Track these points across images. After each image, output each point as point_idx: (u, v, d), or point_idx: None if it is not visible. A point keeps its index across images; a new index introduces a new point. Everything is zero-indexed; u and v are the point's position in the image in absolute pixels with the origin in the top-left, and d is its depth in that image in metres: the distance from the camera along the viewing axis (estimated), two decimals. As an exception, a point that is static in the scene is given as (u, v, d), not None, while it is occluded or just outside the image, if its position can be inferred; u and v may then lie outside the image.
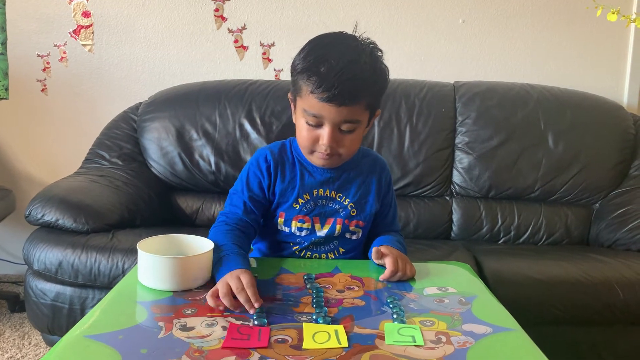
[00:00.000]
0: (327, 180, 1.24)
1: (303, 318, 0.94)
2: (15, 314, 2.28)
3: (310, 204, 1.23)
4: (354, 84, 1.08)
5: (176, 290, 1.03)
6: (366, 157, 1.30)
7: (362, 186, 1.26)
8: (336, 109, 1.09)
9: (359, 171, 1.27)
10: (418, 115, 2.26)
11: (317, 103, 1.10)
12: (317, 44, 1.14)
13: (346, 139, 1.14)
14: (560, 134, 2.23)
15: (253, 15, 2.50)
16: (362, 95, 1.11)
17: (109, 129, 2.36)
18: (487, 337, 0.90)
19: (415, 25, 2.50)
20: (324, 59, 1.09)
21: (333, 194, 1.24)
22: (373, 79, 1.12)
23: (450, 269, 1.25)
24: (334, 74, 1.07)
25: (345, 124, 1.12)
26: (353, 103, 1.10)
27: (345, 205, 1.24)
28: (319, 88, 1.08)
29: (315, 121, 1.12)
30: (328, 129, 1.12)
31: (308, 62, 1.11)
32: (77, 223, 1.86)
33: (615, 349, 1.75)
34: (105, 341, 0.83)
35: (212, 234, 1.17)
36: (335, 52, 1.10)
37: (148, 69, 2.55)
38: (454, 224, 2.24)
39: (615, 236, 2.07)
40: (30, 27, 2.52)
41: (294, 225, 1.23)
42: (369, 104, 1.14)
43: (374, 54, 1.15)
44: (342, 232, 1.24)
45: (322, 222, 1.23)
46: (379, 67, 1.15)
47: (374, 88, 1.14)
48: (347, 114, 1.11)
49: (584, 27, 2.47)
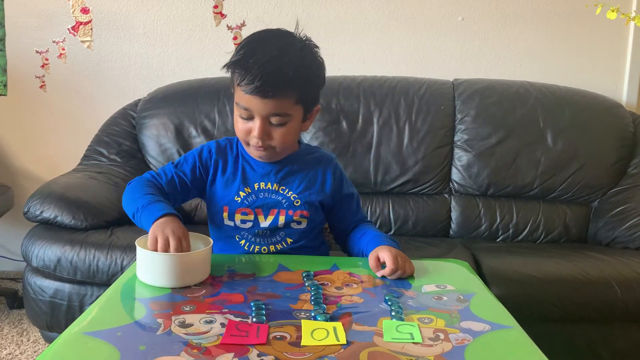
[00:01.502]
0: (268, 173, 1.26)
1: (301, 315, 0.94)
2: (13, 311, 2.28)
3: (252, 197, 1.25)
4: (277, 76, 1.11)
5: (175, 287, 1.03)
6: (312, 153, 1.32)
7: (306, 179, 1.27)
8: (262, 101, 1.13)
9: (302, 165, 1.28)
10: (417, 112, 2.26)
11: (244, 95, 1.14)
12: (250, 40, 1.18)
13: (277, 132, 1.17)
14: (559, 132, 2.23)
15: (252, 11, 2.50)
16: (288, 89, 1.13)
17: (107, 126, 2.36)
18: (485, 334, 0.90)
19: (415, 23, 2.50)
20: (252, 53, 1.14)
21: (275, 187, 1.26)
22: (301, 73, 1.14)
23: (448, 267, 1.25)
24: (258, 66, 1.11)
25: (274, 117, 1.15)
26: (279, 96, 1.13)
27: (288, 196, 1.26)
28: (244, 80, 1.13)
29: (246, 114, 1.16)
30: (258, 122, 1.15)
31: (239, 56, 1.15)
32: (76, 220, 1.86)
33: (613, 347, 1.75)
34: (103, 338, 0.83)
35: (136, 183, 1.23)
36: (263, 46, 1.14)
37: (147, 65, 2.54)
38: (453, 221, 2.24)
39: (613, 234, 2.08)
40: (29, 23, 2.52)
41: (237, 217, 1.25)
42: (300, 98, 1.16)
43: (306, 49, 1.18)
44: (287, 222, 1.25)
45: (265, 213, 1.25)
46: (309, 62, 1.17)
47: (302, 82, 1.15)
48: (274, 107, 1.14)
49: (583, 25, 2.47)
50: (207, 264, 1.09)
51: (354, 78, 2.34)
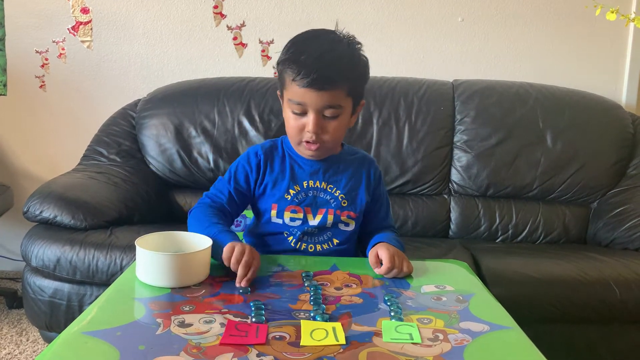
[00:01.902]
0: (316, 171, 1.27)
1: (301, 315, 0.94)
2: (13, 311, 2.28)
3: (302, 195, 1.26)
4: (332, 68, 1.15)
5: (174, 287, 1.03)
6: (355, 154, 1.34)
7: (352, 178, 1.29)
8: (317, 93, 1.15)
9: (347, 164, 1.30)
10: (417, 113, 2.26)
11: (298, 90, 1.16)
12: (298, 39, 1.21)
13: (330, 125, 1.19)
14: (558, 132, 2.23)
15: (252, 12, 2.50)
16: (341, 80, 1.16)
17: (107, 126, 2.36)
18: (484, 335, 0.90)
19: (415, 24, 2.50)
20: (303, 50, 1.17)
21: (323, 185, 1.27)
22: (351, 66, 1.19)
23: (448, 267, 1.25)
24: (312, 60, 1.15)
25: (328, 109, 1.17)
26: (333, 87, 1.15)
27: (336, 196, 1.27)
28: (299, 75, 1.15)
29: (300, 109, 1.18)
30: (312, 116, 1.17)
31: (289, 54, 1.19)
32: (75, 220, 1.86)
33: (612, 347, 1.75)
34: (103, 338, 0.83)
35: (199, 211, 1.24)
36: (313, 43, 1.19)
37: (147, 65, 2.54)
38: (452, 222, 2.24)
39: (612, 235, 2.08)
40: (29, 23, 2.52)
41: (287, 215, 1.26)
42: (350, 90, 1.19)
43: (352, 45, 1.21)
44: (334, 222, 1.27)
45: (314, 212, 1.26)
46: (357, 56, 1.21)
47: (353, 74, 1.19)
48: (328, 99, 1.16)
49: (583, 26, 2.47)
50: (207, 264, 1.09)
51: (353, 78, 2.34)
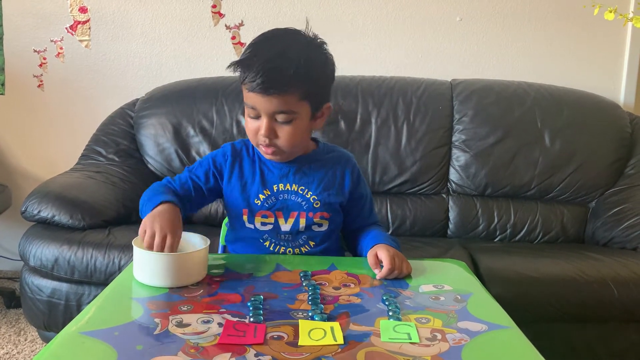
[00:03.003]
0: (285, 174, 1.24)
1: (299, 315, 0.94)
2: (11, 310, 2.28)
3: (272, 199, 1.24)
4: (278, 73, 1.11)
5: (172, 286, 1.03)
6: (330, 152, 1.31)
7: (325, 178, 1.26)
8: (265, 98, 1.12)
9: (320, 164, 1.27)
10: (415, 113, 2.26)
11: (248, 93, 1.14)
12: (257, 39, 1.18)
13: (283, 130, 1.16)
14: (556, 132, 2.23)
15: (250, 11, 2.50)
16: (291, 85, 1.12)
17: (105, 125, 2.35)
18: (482, 334, 0.90)
19: (413, 23, 2.50)
20: (256, 51, 1.14)
21: (294, 187, 1.24)
22: (305, 68, 1.13)
23: (446, 267, 1.25)
24: (259, 63, 1.11)
25: (280, 114, 1.14)
26: (281, 92, 1.12)
27: (308, 198, 1.24)
28: (247, 78, 1.13)
29: (254, 113, 1.16)
30: (264, 120, 1.15)
31: (244, 55, 1.16)
32: (74, 219, 1.86)
33: (610, 347, 1.76)
34: (101, 338, 0.83)
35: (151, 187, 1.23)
36: (267, 44, 1.15)
37: (145, 65, 2.54)
38: (451, 221, 2.24)
39: (610, 234, 2.08)
40: (27, 23, 2.51)
41: (257, 221, 1.24)
42: (305, 94, 1.15)
43: (311, 46, 1.17)
44: (307, 225, 1.24)
45: (285, 216, 1.24)
46: (314, 58, 1.16)
47: (307, 77, 1.14)
48: (278, 104, 1.13)
49: (581, 25, 2.47)
50: (205, 264, 1.08)
51: (352, 78, 2.34)
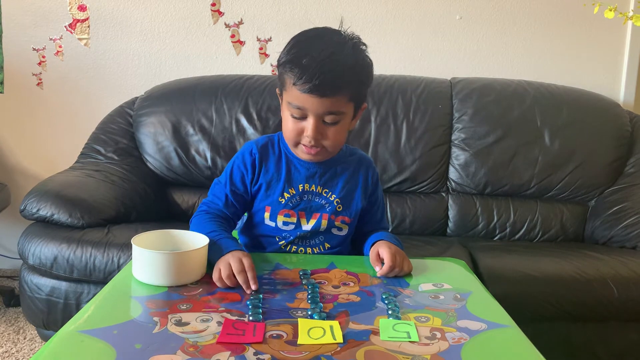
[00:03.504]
0: (313, 174, 1.24)
1: (298, 314, 0.94)
2: (10, 309, 2.28)
3: (296, 199, 1.24)
4: (335, 75, 1.10)
5: (171, 285, 1.02)
6: (353, 154, 1.31)
7: (349, 182, 1.27)
8: (318, 100, 1.11)
9: (345, 167, 1.27)
10: (415, 111, 2.26)
11: (299, 95, 1.12)
12: (300, 38, 1.17)
13: (330, 130, 1.16)
14: (556, 131, 2.23)
15: (250, 10, 2.50)
16: (344, 87, 1.12)
17: (104, 124, 2.35)
18: (481, 333, 0.90)
19: (413, 22, 2.50)
20: (306, 52, 1.12)
21: (319, 189, 1.24)
22: (355, 71, 1.14)
23: (445, 266, 1.25)
24: (315, 65, 1.09)
25: (329, 115, 1.14)
26: (335, 94, 1.12)
27: (332, 200, 1.25)
28: (300, 79, 1.11)
29: (300, 113, 1.14)
30: (312, 121, 1.14)
31: (291, 55, 1.14)
32: (73, 218, 1.86)
33: (609, 346, 1.75)
34: (100, 336, 0.83)
35: (197, 221, 1.20)
36: (317, 45, 1.13)
37: (144, 63, 2.54)
38: (450, 220, 2.24)
39: (610, 233, 2.08)
40: (26, 21, 2.51)
41: (280, 219, 1.23)
42: (352, 96, 1.16)
43: (357, 47, 1.17)
44: (328, 227, 1.25)
45: (307, 216, 1.24)
46: (361, 60, 1.17)
47: (356, 80, 1.15)
48: (329, 105, 1.12)
49: (581, 24, 2.47)
50: (204, 263, 1.08)
51: (351, 76, 2.34)
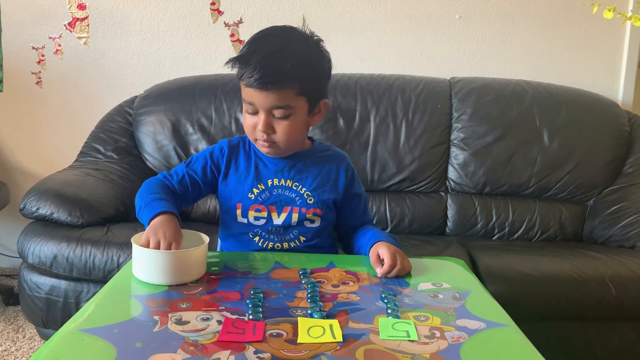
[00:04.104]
0: (281, 169, 1.26)
1: (298, 312, 0.94)
2: (9, 307, 2.28)
3: (266, 193, 1.25)
4: (276, 68, 1.13)
5: (171, 284, 1.03)
6: (326, 151, 1.33)
7: (319, 175, 1.28)
8: (262, 93, 1.14)
9: (315, 161, 1.29)
10: (414, 111, 2.26)
11: (246, 89, 1.16)
12: (255, 36, 1.20)
13: (280, 125, 1.18)
14: (555, 130, 2.23)
15: (249, 9, 2.50)
16: (287, 80, 1.14)
17: (104, 123, 2.35)
18: (480, 332, 0.91)
19: (412, 21, 2.50)
20: (255, 48, 1.16)
21: (289, 183, 1.26)
22: (303, 64, 1.15)
23: (444, 265, 1.26)
24: (257, 59, 1.13)
25: (277, 109, 1.16)
26: (278, 88, 1.14)
27: (302, 193, 1.26)
28: (244, 73, 1.15)
29: (251, 109, 1.18)
30: (261, 115, 1.17)
31: (242, 52, 1.18)
32: (72, 216, 1.86)
33: (608, 345, 1.76)
34: (100, 335, 0.83)
35: (146, 184, 1.24)
36: (265, 41, 1.18)
37: (144, 62, 2.54)
38: (449, 219, 2.25)
39: (608, 233, 2.09)
40: (25, 19, 2.51)
41: (251, 215, 1.25)
42: (302, 90, 1.17)
43: (308, 42, 1.19)
44: (300, 220, 1.25)
45: (278, 210, 1.25)
46: (311, 54, 1.19)
47: (305, 73, 1.16)
48: (275, 99, 1.15)
49: (580, 24, 2.47)
50: (204, 262, 1.09)
51: (351, 76, 2.34)
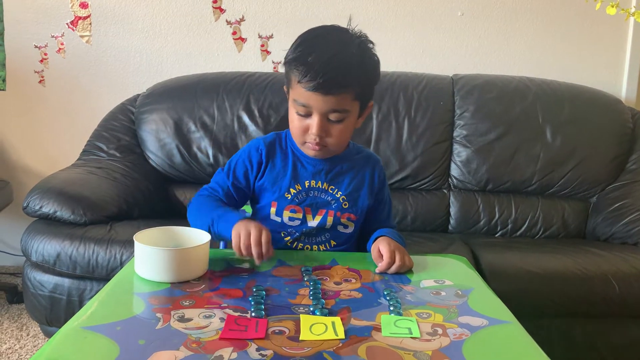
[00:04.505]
0: (319, 171, 1.25)
1: (300, 310, 0.94)
2: (13, 305, 2.29)
3: (302, 195, 1.24)
4: (339, 73, 1.11)
5: (174, 281, 1.03)
6: (360, 152, 1.32)
7: (355, 179, 1.27)
8: (323, 97, 1.12)
9: (352, 165, 1.28)
10: (416, 108, 2.26)
11: (304, 92, 1.13)
12: (307, 36, 1.18)
13: (335, 128, 1.17)
14: (558, 127, 2.23)
15: (251, 7, 2.49)
16: (348, 85, 1.13)
17: (106, 121, 2.35)
18: (483, 329, 0.90)
19: (414, 18, 2.49)
20: (312, 50, 1.13)
21: (325, 186, 1.25)
22: (360, 69, 1.15)
23: (447, 262, 1.25)
24: (320, 63, 1.11)
25: (333, 113, 1.15)
26: (339, 92, 1.13)
27: (337, 197, 1.25)
28: (305, 77, 1.12)
29: (305, 111, 1.16)
30: (316, 119, 1.15)
31: (297, 53, 1.15)
32: (75, 215, 1.86)
33: (610, 342, 1.76)
34: (103, 332, 0.84)
35: (200, 201, 1.23)
36: (323, 43, 1.14)
37: (146, 60, 2.54)
38: (452, 216, 2.24)
39: (611, 230, 2.08)
40: (28, 18, 2.51)
41: (286, 215, 1.24)
42: (358, 95, 1.17)
43: (364, 46, 1.18)
44: (334, 224, 1.25)
45: (313, 213, 1.25)
46: (368, 58, 1.18)
47: (361, 78, 1.16)
48: (334, 104, 1.14)
49: (583, 20, 2.47)
50: (206, 259, 1.09)
51: (353, 73, 2.34)
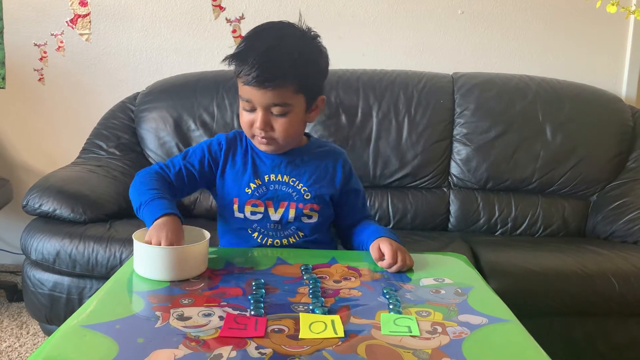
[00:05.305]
0: (278, 164, 1.26)
1: (300, 308, 0.94)
2: (13, 304, 2.29)
3: (263, 189, 1.25)
4: (273, 65, 1.12)
5: (173, 280, 1.03)
6: (322, 147, 1.33)
7: (316, 171, 1.28)
8: (260, 91, 1.14)
9: (312, 157, 1.29)
10: (416, 106, 2.26)
11: (243, 87, 1.16)
12: (251, 32, 1.19)
13: (278, 122, 1.18)
14: (558, 126, 2.23)
15: (251, 4, 2.49)
16: (285, 78, 1.14)
17: (106, 119, 2.35)
18: (482, 327, 0.90)
19: (414, 16, 2.49)
20: (250, 44, 1.15)
21: (286, 179, 1.26)
22: (300, 61, 1.15)
23: (446, 260, 1.26)
24: (254, 57, 1.12)
25: (275, 107, 1.16)
26: (276, 86, 1.14)
27: (299, 189, 1.26)
28: (241, 71, 1.14)
29: (249, 106, 1.18)
30: (259, 113, 1.17)
31: (238, 49, 1.17)
32: (75, 213, 1.86)
33: (610, 341, 1.76)
34: (102, 331, 0.84)
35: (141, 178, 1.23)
36: (262, 38, 1.16)
37: (146, 58, 2.54)
38: (452, 215, 2.24)
39: (612, 228, 2.08)
40: (27, 16, 2.51)
41: (247, 209, 1.25)
42: (300, 88, 1.17)
43: (305, 38, 1.18)
44: (297, 215, 1.25)
45: (275, 206, 1.25)
46: (308, 51, 1.18)
47: (302, 70, 1.16)
48: (273, 97, 1.15)
49: (583, 18, 2.46)
50: (205, 257, 1.09)
51: (353, 71, 2.34)
